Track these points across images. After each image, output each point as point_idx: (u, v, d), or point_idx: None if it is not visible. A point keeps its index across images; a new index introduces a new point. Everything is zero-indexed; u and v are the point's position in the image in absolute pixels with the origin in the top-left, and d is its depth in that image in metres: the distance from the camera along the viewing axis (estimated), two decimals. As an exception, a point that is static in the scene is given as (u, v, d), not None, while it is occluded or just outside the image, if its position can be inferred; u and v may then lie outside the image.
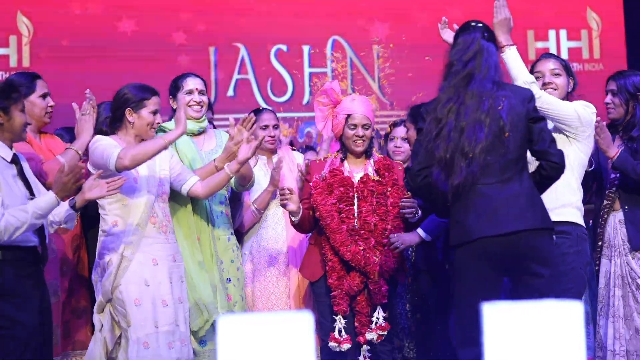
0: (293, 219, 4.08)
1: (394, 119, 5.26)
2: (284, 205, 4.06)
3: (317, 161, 4.30)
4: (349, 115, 4.16)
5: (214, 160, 4.12)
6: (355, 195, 4.10)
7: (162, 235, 3.94)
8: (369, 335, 4.03)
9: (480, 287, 3.31)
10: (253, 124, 4.05)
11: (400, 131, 4.92)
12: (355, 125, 4.16)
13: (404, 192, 4.18)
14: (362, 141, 4.17)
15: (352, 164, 4.22)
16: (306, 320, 1.67)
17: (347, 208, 4.07)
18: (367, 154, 4.23)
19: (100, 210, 3.94)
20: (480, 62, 3.39)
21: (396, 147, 4.92)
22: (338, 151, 4.27)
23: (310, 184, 4.16)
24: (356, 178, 4.16)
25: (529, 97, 3.43)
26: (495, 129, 3.30)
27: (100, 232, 3.94)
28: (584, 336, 1.72)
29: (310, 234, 4.32)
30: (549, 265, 3.34)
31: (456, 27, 4.09)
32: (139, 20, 6.87)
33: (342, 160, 4.21)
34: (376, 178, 4.14)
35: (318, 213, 4.07)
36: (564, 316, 1.70)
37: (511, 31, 3.93)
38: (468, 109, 3.32)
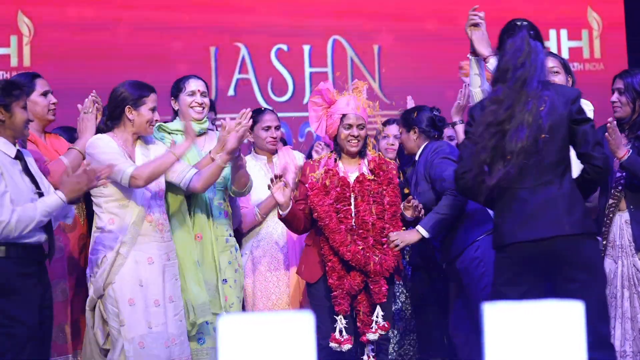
0: (281, 212, 4.06)
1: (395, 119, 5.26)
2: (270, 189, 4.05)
3: (311, 162, 4.30)
4: (343, 115, 4.17)
5: (210, 152, 4.13)
6: (352, 195, 4.10)
7: (158, 234, 3.96)
8: (372, 336, 4.03)
9: (515, 290, 3.30)
10: (250, 119, 4.05)
11: (393, 129, 4.94)
12: (350, 125, 4.16)
13: (399, 191, 4.20)
14: (356, 141, 4.17)
15: (346, 164, 4.22)
16: (306, 320, 1.67)
17: (344, 208, 4.07)
18: (361, 153, 4.23)
19: (95, 208, 3.95)
20: (530, 63, 3.36)
21: (389, 144, 4.93)
22: (332, 151, 4.28)
23: (306, 185, 4.16)
24: (351, 178, 4.16)
25: (573, 98, 3.37)
26: (535, 130, 3.27)
27: (94, 229, 3.95)
28: (584, 336, 1.72)
29: (306, 234, 4.32)
30: (587, 270, 3.30)
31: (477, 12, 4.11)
32: (140, 20, 6.86)
33: (336, 161, 4.21)
34: (371, 177, 4.14)
35: (316, 214, 4.07)
36: (564, 316, 1.70)
37: (489, 41, 3.97)
38: (516, 112, 3.30)
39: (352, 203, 4.10)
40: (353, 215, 4.08)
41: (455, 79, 4.85)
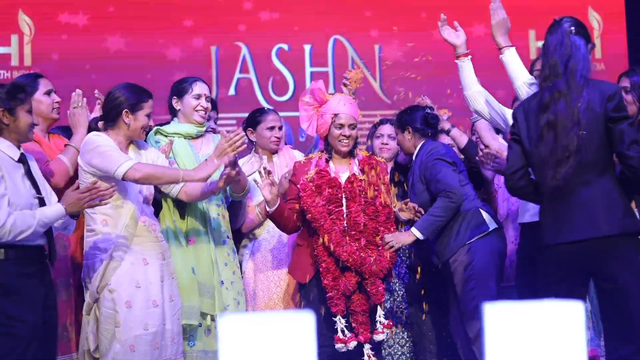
0: (268, 208, 4.06)
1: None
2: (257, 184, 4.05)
3: (302, 162, 4.29)
4: (335, 115, 4.16)
5: (206, 160, 4.12)
6: (343, 196, 4.10)
7: (152, 234, 3.95)
8: (380, 337, 4.03)
9: (557, 290, 3.30)
10: (242, 143, 4.03)
11: (387, 129, 4.94)
12: (342, 125, 4.16)
13: (390, 192, 4.20)
14: (348, 141, 4.17)
15: (337, 163, 4.21)
16: (307, 319, 1.67)
17: (336, 209, 4.06)
18: (351, 153, 4.22)
19: (87, 209, 3.94)
20: (573, 55, 3.33)
21: (383, 144, 4.93)
22: (322, 151, 4.27)
23: (298, 185, 4.15)
24: (342, 178, 4.15)
25: (610, 95, 3.31)
26: (577, 127, 3.25)
27: (87, 232, 3.92)
28: (584, 336, 1.72)
29: (296, 234, 4.31)
30: (626, 270, 3.28)
31: (457, 24, 4.10)
32: (141, 20, 6.86)
33: (327, 161, 4.21)
34: (362, 177, 4.14)
35: (310, 215, 4.05)
36: (564, 316, 1.70)
37: (509, 31, 3.92)
38: (562, 109, 3.27)
39: (344, 204, 4.09)
40: (345, 216, 4.07)
41: (457, 79, 4.85)
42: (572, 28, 3.44)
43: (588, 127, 3.25)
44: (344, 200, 4.09)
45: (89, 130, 4.11)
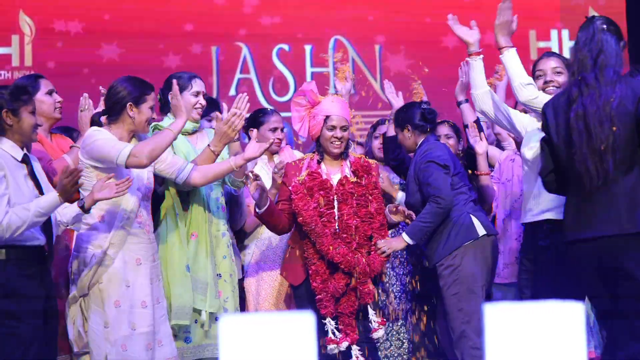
0: (257, 210, 4.05)
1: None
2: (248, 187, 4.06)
3: (293, 163, 4.29)
4: (327, 117, 4.16)
5: (208, 145, 4.12)
6: (335, 198, 4.09)
7: (146, 235, 3.93)
8: (380, 333, 4.05)
9: (579, 286, 3.31)
10: (247, 103, 4.06)
11: (385, 129, 4.94)
12: (334, 127, 4.16)
13: (382, 195, 4.21)
14: (340, 142, 4.17)
15: (329, 165, 4.21)
16: (307, 320, 1.68)
17: (327, 212, 4.06)
18: (343, 154, 4.22)
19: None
20: (604, 50, 3.33)
21: (381, 144, 4.94)
22: (314, 152, 4.27)
23: (290, 187, 4.14)
24: (334, 180, 4.14)
25: None
26: (608, 125, 3.24)
27: (82, 225, 3.87)
28: (585, 336, 1.72)
29: (287, 234, 4.31)
30: None
31: (473, 23, 4.09)
32: (141, 20, 6.86)
33: (318, 162, 4.20)
34: (354, 179, 4.13)
35: (301, 218, 4.05)
36: (565, 316, 1.71)
37: (513, 33, 3.92)
38: (591, 102, 3.26)
39: (335, 206, 4.09)
40: (336, 218, 4.07)
41: (457, 78, 4.86)
42: (604, 25, 3.43)
43: (619, 124, 3.23)
44: (335, 203, 4.09)
45: (92, 125, 4.10)
